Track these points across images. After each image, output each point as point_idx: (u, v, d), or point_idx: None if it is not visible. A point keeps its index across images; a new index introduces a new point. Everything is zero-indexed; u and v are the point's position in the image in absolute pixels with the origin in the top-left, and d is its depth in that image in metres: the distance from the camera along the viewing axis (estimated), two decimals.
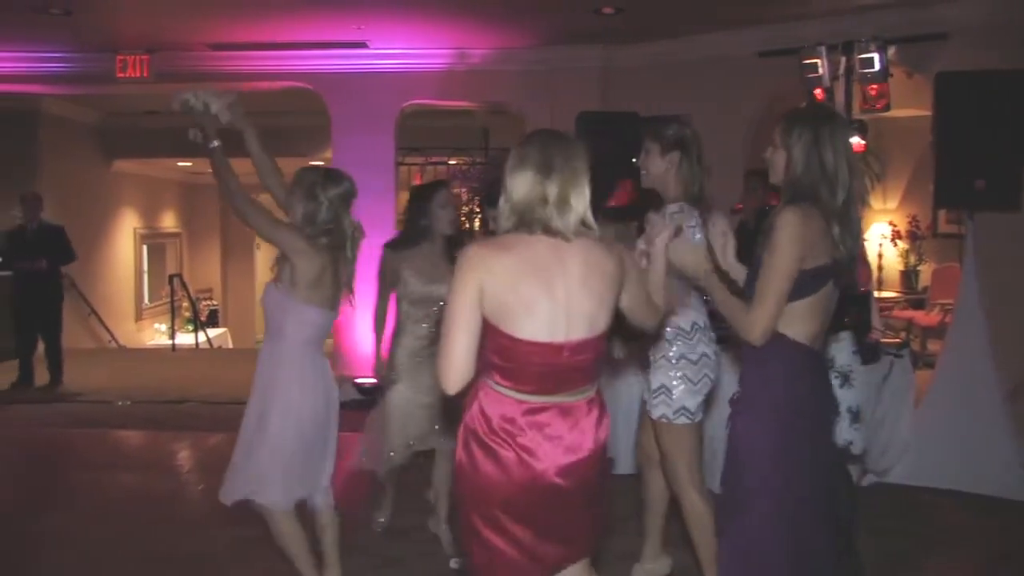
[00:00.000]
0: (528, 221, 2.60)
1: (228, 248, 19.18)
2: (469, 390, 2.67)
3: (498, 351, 2.60)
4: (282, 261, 3.81)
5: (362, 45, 8.52)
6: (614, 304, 2.71)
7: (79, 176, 13.58)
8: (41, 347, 9.65)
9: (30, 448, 7.63)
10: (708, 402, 3.98)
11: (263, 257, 19.15)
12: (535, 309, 2.57)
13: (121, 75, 8.78)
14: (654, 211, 3.87)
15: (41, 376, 9.59)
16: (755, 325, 2.86)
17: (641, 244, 3.03)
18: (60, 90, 10.35)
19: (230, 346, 16.46)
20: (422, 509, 5.06)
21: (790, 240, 2.81)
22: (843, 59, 7.34)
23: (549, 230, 2.59)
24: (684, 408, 3.85)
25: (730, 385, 3.39)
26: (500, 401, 2.65)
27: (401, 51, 8.68)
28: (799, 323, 2.89)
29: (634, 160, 7.39)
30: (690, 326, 3.87)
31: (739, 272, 3.13)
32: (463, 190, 11.41)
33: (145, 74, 8.76)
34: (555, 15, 7.58)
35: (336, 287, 3.93)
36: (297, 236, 3.74)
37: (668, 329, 3.81)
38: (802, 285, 2.85)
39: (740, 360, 3.09)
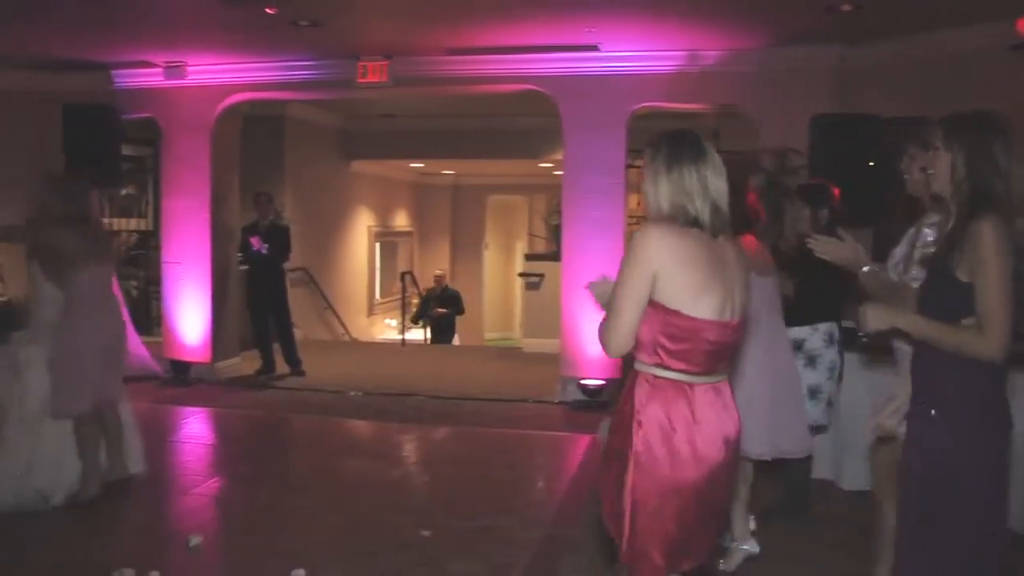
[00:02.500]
0: (683, 215, 2.81)
1: (457, 247, 19.69)
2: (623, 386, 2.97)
3: (670, 334, 2.77)
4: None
5: (593, 48, 8.52)
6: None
7: (320, 177, 14.28)
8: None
9: (271, 432, 8.08)
10: None
11: (491, 257, 19.56)
12: (711, 289, 2.77)
13: (362, 80, 9.14)
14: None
15: (284, 365, 10.15)
16: (998, 345, 2.74)
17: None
18: (306, 96, 10.87)
19: (457, 343, 16.86)
20: None
21: (1006, 252, 2.73)
22: None
23: (701, 224, 2.81)
24: None
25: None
26: (668, 388, 2.81)
27: (632, 53, 8.62)
28: None
29: (871, 164, 7.10)
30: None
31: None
32: None
33: (385, 79, 9.09)
34: (790, 14, 7.34)
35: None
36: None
37: None
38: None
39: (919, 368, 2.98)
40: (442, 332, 15.59)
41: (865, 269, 3.31)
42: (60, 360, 5.48)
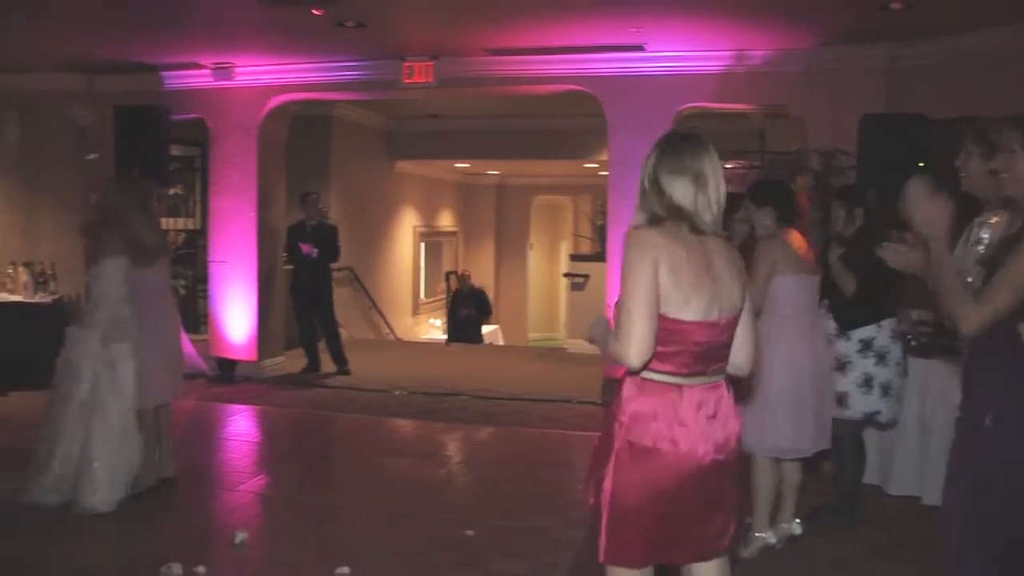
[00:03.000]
0: (679, 217, 2.83)
1: (502, 247, 19.71)
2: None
3: (659, 337, 2.75)
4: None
5: (639, 48, 8.48)
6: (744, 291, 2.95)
7: (366, 176, 14.35)
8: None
9: (317, 430, 8.13)
10: None
11: (536, 257, 19.55)
12: (697, 290, 2.77)
13: (408, 81, 9.18)
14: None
15: (329, 364, 10.22)
16: (976, 319, 2.70)
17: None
18: (352, 96, 10.92)
19: (501, 343, 16.88)
20: None
21: None
22: None
23: (697, 227, 2.83)
24: None
25: None
26: (656, 389, 2.81)
27: (678, 53, 8.57)
28: None
29: (921, 165, 7.00)
30: None
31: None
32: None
33: (430, 79, 9.12)
34: (839, 12, 7.25)
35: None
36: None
37: None
38: None
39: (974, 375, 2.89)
40: (467, 333, 15.53)
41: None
42: (143, 354, 5.61)
